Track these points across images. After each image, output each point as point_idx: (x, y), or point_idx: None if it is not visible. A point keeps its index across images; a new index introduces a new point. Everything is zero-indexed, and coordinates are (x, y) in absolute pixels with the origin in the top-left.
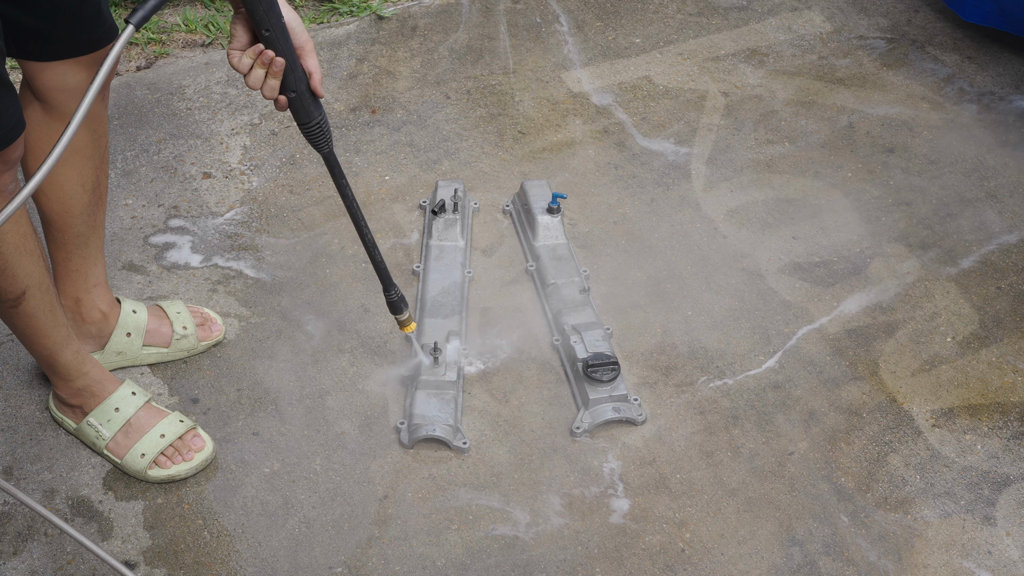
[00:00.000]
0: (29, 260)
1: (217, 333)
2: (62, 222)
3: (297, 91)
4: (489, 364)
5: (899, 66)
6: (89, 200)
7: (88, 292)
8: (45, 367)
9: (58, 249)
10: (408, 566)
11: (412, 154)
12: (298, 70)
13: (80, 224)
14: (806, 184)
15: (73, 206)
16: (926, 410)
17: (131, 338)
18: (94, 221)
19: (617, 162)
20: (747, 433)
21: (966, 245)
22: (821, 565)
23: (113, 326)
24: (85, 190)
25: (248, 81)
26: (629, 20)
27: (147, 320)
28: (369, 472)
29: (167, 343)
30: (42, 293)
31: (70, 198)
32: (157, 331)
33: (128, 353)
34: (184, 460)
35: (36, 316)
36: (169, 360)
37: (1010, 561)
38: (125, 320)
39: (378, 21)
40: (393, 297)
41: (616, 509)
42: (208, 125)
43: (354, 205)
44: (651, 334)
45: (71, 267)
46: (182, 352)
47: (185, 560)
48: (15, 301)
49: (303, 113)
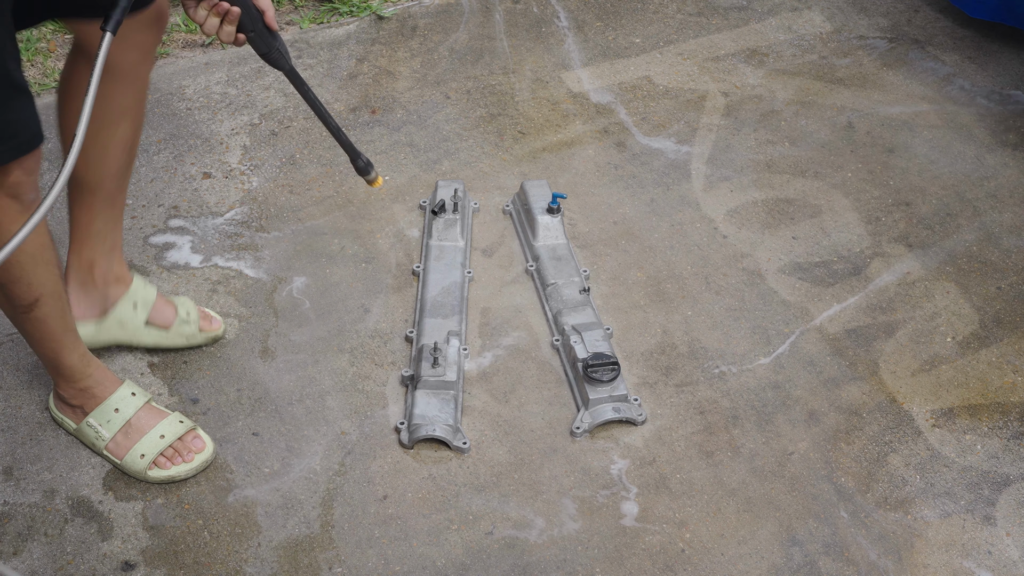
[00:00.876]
0: (45, 269)
1: (217, 327)
2: (96, 183)
3: (255, 30)
4: (489, 364)
5: (899, 66)
6: (125, 161)
7: (104, 256)
8: (49, 368)
9: (84, 211)
10: (408, 566)
11: (412, 154)
12: (252, 11)
13: (112, 186)
14: (806, 184)
15: (111, 167)
16: (926, 410)
17: (136, 311)
18: (123, 183)
19: (617, 162)
20: (747, 433)
21: (966, 245)
22: (821, 565)
23: (120, 295)
24: (123, 151)
25: (204, 29)
26: (629, 20)
27: (155, 298)
28: (369, 472)
29: (168, 325)
30: (55, 300)
31: (111, 159)
32: (161, 311)
33: (129, 326)
34: (184, 461)
35: (47, 322)
36: (166, 346)
37: (1010, 561)
38: (135, 291)
39: (378, 21)
40: (360, 163)
41: (616, 509)
42: (208, 125)
43: (317, 102)
44: (651, 334)
45: (94, 229)
46: (181, 338)
47: (185, 560)
48: (28, 307)
49: (262, 45)
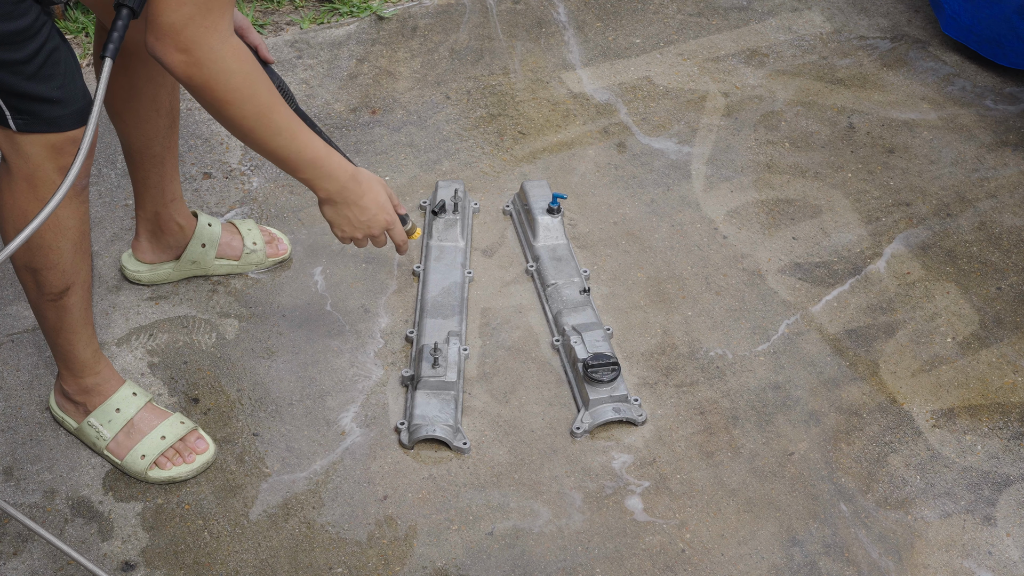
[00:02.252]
0: (82, 259)
1: (284, 252)
2: (141, 145)
3: None
4: (489, 364)
5: (899, 66)
6: (164, 123)
7: (165, 206)
8: (59, 359)
9: (136, 169)
10: (408, 566)
11: (412, 154)
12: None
13: (157, 146)
14: (806, 184)
15: (150, 130)
16: (926, 410)
17: (205, 249)
18: (169, 143)
19: (617, 162)
20: (747, 433)
21: (966, 245)
22: (821, 565)
23: (189, 237)
24: (160, 115)
25: None
26: (629, 20)
27: (220, 234)
28: (369, 472)
29: (238, 256)
30: (84, 291)
31: (147, 123)
32: (229, 244)
33: (202, 263)
34: (185, 462)
35: (72, 312)
36: (239, 272)
37: (1010, 561)
38: (201, 232)
39: (378, 21)
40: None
41: (616, 509)
42: (208, 125)
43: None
44: (651, 334)
45: (149, 184)
46: (251, 266)
47: (185, 560)
48: (57, 296)
49: None
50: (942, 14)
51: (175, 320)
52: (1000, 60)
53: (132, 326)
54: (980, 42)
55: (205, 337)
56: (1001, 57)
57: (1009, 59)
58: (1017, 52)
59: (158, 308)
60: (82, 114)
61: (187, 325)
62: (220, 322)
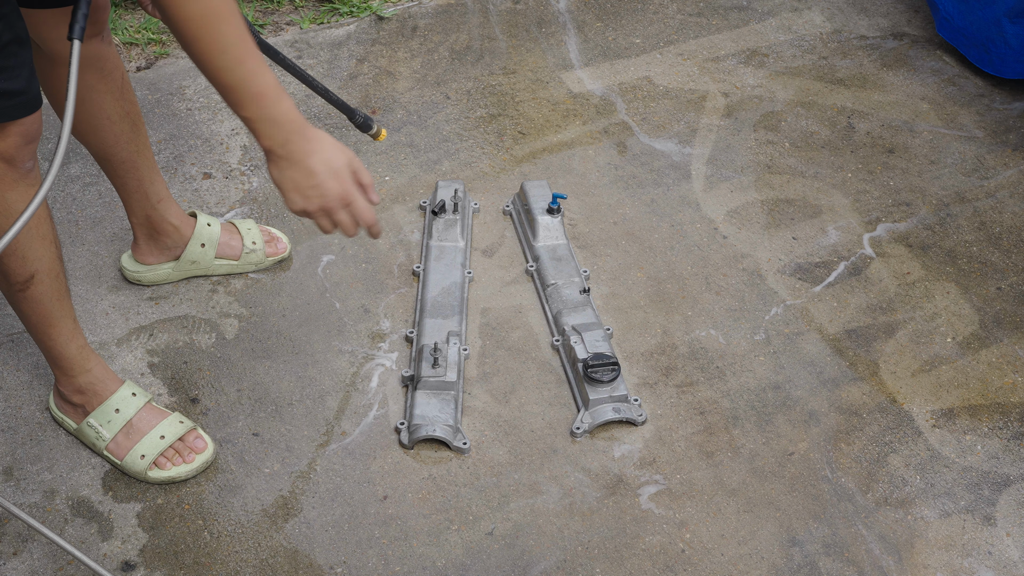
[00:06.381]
0: (41, 244)
1: (283, 251)
2: (105, 153)
3: None
4: (489, 364)
5: (899, 66)
6: (121, 129)
7: (154, 208)
8: (50, 360)
9: (112, 176)
10: (408, 566)
11: (412, 154)
12: None
13: (122, 152)
14: (806, 184)
15: (108, 138)
16: (926, 410)
17: (205, 248)
18: (136, 147)
19: (617, 162)
20: (747, 433)
21: (966, 245)
22: (821, 565)
23: (188, 238)
24: (112, 121)
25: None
26: (629, 20)
27: (220, 233)
28: (369, 472)
29: (237, 256)
30: (51, 280)
31: (102, 131)
32: (228, 244)
33: (202, 263)
34: (185, 462)
35: (43, 303)
36: (239, 272)
37: (1010, 561)
38: (200, 232)
39: (378, 21)
40: (359, 120)
41: (616, 509)
42: (208, 125)
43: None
44: (651, 334)
45: (129, 189)
46: (250, 265)
47: (185, 560)
48: (23, 285)
49: None
50: (937, 15)
51: (175, 320)
52: (986, 67)
53: (132, 326)
54: (969, 46)
55: (205, 337)
56: (987, 64)
57: (995, 66)
58: (1003, 58)
59: (158, 308)
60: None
61: (187, 325)
62: (220, 322)
